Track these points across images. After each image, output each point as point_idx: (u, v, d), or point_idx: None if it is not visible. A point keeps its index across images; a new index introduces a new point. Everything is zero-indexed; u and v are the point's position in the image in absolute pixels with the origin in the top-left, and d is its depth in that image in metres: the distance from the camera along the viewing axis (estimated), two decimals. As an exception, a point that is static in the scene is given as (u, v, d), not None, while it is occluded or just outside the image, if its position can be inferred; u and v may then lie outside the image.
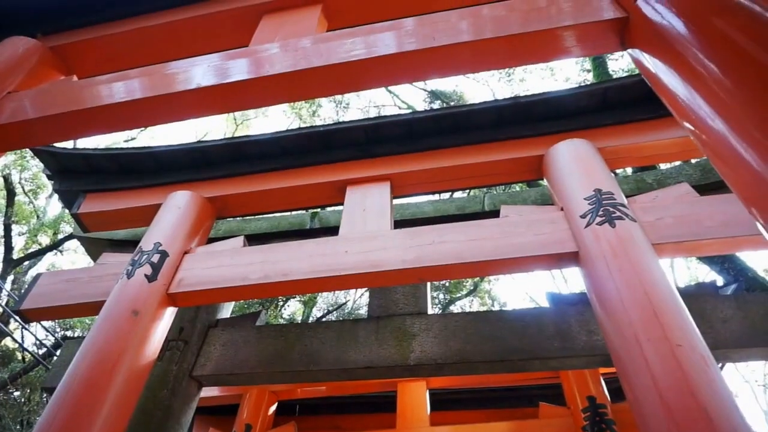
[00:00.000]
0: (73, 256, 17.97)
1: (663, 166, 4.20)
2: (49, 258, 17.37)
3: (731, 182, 1.15)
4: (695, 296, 3.06)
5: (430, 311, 3.66)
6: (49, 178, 4.18)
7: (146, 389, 3.32)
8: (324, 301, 21.46)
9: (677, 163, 4.06)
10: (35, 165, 16.21)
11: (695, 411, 1.72)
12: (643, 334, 1.95)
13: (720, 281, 4.58)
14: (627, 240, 2.28)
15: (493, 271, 2.70)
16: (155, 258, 3.03)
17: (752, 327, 2.90)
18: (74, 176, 4.06)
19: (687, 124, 1.34)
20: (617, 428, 3.91)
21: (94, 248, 4.75)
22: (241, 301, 13.93)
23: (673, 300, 2.07)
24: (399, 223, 3.26)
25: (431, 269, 2.57)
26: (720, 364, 3.32)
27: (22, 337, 13.41)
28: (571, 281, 20.23)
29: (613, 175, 2.85)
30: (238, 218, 4.72)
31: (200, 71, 2.08)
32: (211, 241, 3.44)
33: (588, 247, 2.36)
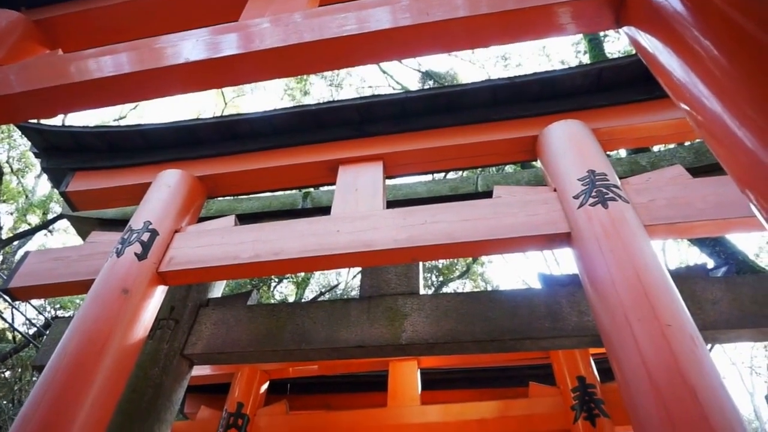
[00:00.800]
0: (64, 236, 17.87)
1: (657, 148, 4.21)
2: (39, 238, 17.27)
3: (726, 163, 1.14)
4: (685, 278, 3.08)
5: (422, 292, 3.67)
6: (37, 156, 4.13)
7: (137, 367, 3.32)
8: (317, 282, 21.53)
9: (671, 145, 4.06)
10: (23, 144, 16.04)
11: (683, 390, 1.74)
12: (633, 315, 1.97)
13: (710, 264, 4.61)
14: (619, 221, 2.28)
15: (486, 252, 2.71)
16: (145, 237, 3.01)
17: (741, 309, 2.93)
18: (62, 154, 4.01)
19: (683, 105, 1.33)
20: (606, 408, 3.96)
21: (84, 227, 4.71)
22: (233, 282, 13.94)
23: (664, 281, 2.08)
24: (392, 204, 3.25)
25: (423, 249, 2.57)
26: (709, 346, 3.36)
27: (12, 317, 13.38)
28: (563, 264, 20.39)
29: (606, 156, 2.84)
30: (229, 198, 4.69)
31: (189, 45, 2.04)
32: (202, 220, 3.42)
33: (580, 227, 2.36)
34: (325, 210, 3.24)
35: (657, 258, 2.17)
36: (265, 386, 5.07)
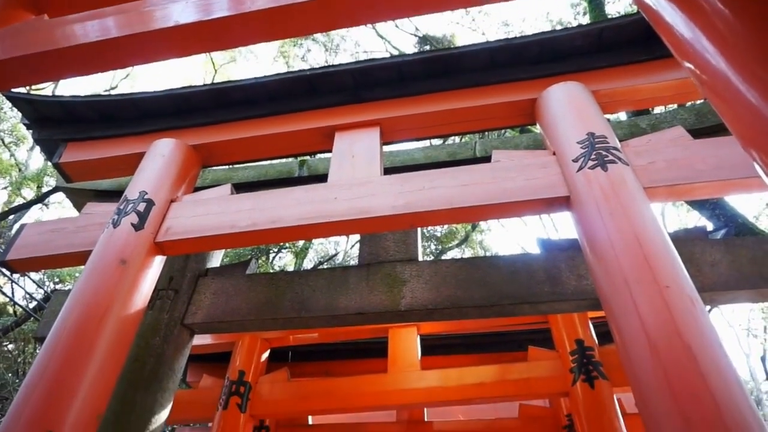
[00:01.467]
0: (59, 210, 17.85)
1: (657, 110, 4.17)
2: (34, 212, 17.22)
3: (730, 122, 1.12)
4: (684, 241, 3.09)
5: (420, 259, 3.67)
6: (28, 127, 4.08)
7: (138, 337, 3.35)
8: (315, 252, 21.62)
9: (672, 107, 4.02)
10: (14, 116, 15.85)
11: (681, 350, 1.76)
12: (632, 277, 1.97)
13: (710, 227, 4.62)
14: (619, 184, 2.27)
15: (484, 217, 2.70)
16: (141, 207, 3.00)
17: (740, 271, 2.94)
18: (53, 125, 3.97)
19: (686, 63, 1.30)
20: (604, 370, 4.03)
21: (79, 199, 4.69)
22: (232, 253, 13.98)
23: (663, 243, 2.08)
24: (389, 171, 3.22)
25: (421, 215, 2.57)
26: (707, 308, 3.39)
27: (12, 291, 13.45)
28: (561, 230, 20.45)
29: (606, 119, 2.81)
30: (224, 167, 4.65)
31: (178, 8, 1.99)
32: (197, 190, 3.41)
33: (579, 191, 2.35)
34: (321, 178, 3.22)
35: (656, 220, 2.17)
36: (266, 354, 5.13)
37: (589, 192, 2.30)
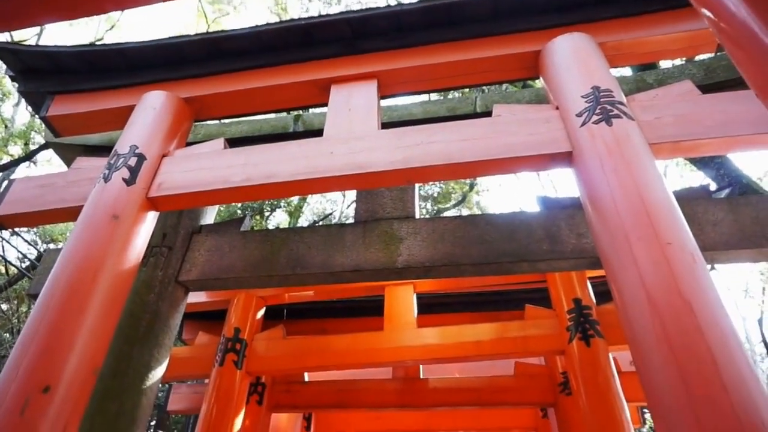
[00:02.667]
0: (48, 168, 17.69)
1: (665, 65, 4.10)
2: (22, 170, 17.08)
3: (748, 72, 1.10)
4: (687, 200, 3.08)
5: (418, 216, 3.67)
6: (13, 79, 3.98)
7: (133, 294, 3.37)
8: (311, 211, 21.64)
9: (680, 62, 3.95)
10: (-2, 69, 15.51)
11: (680, 307, 1.77)
12: (633, 234, 1.97)
13: (714, 187, 4.62)
14: (623, 139, 2.24)
15: (484, 172, 2.68)
16: (132, 161, 2.97)
17: (741, 230, 2.95)
18: (40, 77, 3.88)
19: (704, 10, 1.26)
20: (601, 328, 4.09)
21: (68, 155, 4.64)
22: (225, 212, 13.97)
23: (667, 200, 2.08)
24: (386, 126, 3.17)
25: (420, 170, 2.55)
26: (708, 267, 3.42)
27: (3, 251, 13.48)
28: (561, 191, 20.48)
29: (612, 72, 2.76)
30: (217, 122, 4.60)
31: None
32: (189, 145, 3.36)
33: (582, 146, 2.33)
34: (317, 133, 3.17)
35: (660, 177, 2.16)
36: (261, 312, 5.18)
37: (592, 147, 2.27)
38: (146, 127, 3.23)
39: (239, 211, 14.28)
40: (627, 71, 7.59)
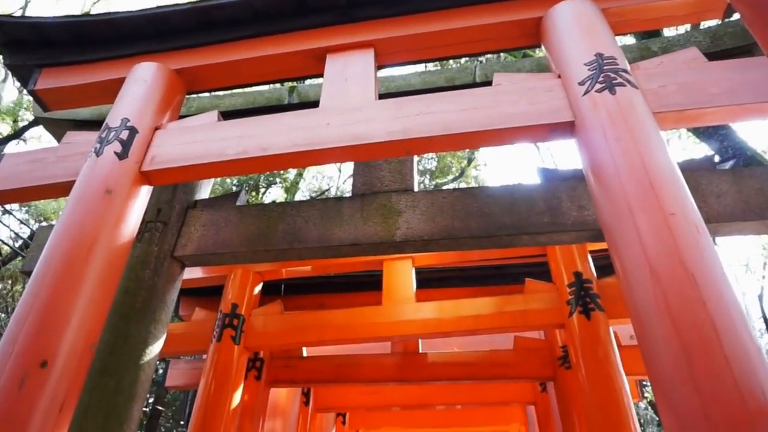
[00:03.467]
0: (38, 146, 17.55)
1: (670, 33, 4.04)
2: (11, 148, 16.95)
3: (761, 34, 1.07)
4: (691, 171, 3.06)
5: (416, 189, 3.66)
6: (-2, 53, 3.93)
7: (128, 270, 3.37)
8: (307, 187, 21.61)
9: (685, 30, 3.89)
10: (-17, 45, 15.24)
11: (683, 278, 1.77)
12: (636, 204, 1.97)
13: (718, 159, 4.60)
14: (627, 108, 2.22)
15: (484, 143, 2.66)
16: (124, 135, 2.94)
17: (746, 202, 2.95)
18: (26, 49, 3.81)
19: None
20: (601, 302, 4.11)
21: (58, 130, 4.61)
22: (220, 189, 13.94)
23: (670, 170, 2.07)
24: (384, 97, 3.13)
25: (418, 141, 2.53)
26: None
27: (-5, 229, 13.47)
28: (561, 164, 20.45)
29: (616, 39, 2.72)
30: (210, 94, 4.54)
31: None
32: (182, 119, 3.32)
33: (585, 115, 2.30)
34: (312, 105, 3.13)
35: (665, 146, 2.14)
36: (258, 287, 5.20)
37: (595, 116, 2.25)
38: (137, 99, 3.19)
39: (234, 188, 14.26)
40: (630, 40, 7.51)
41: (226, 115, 3.85)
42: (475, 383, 6.53)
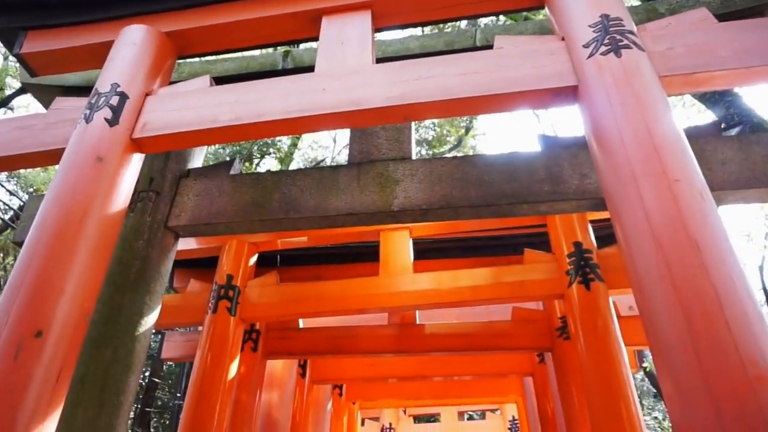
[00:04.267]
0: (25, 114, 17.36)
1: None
2: (-3, 117, 16.78)
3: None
4: (696, 137, 3.04)
5: (414, 158, 3.64)
6: (-19, 14, 3.84)
7: (122, 240, 3.37)
8: (301, 157, 21.53)
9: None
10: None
11: (686, 245, 1.77)
12: (640, 170, 1.95)
13: (724, 126, 4.58)
14: (633, 71, 2.19)
15: (485, 109, 2.63)
16: (114, 100, 2.90)
17: (752, 169, 2.94)
18: (10, 11, 3.73)
19: None
20: (601, 272, 4.13)
21: (46, 97, 4.55)
22: (213, 159, 13.86)
23: (675, 135, 2.05)
24: (381, 61, 3.09)
25: (417, 106, 2.49)
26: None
27: (-15, 200, 13.42)
28: (561, 133, 20.36)
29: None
30: (201, 59, 4.47)
31: None
32: (174, 84, 3.28)
33: (589, 79, 2.27)
34: (307, 70, 3.08)
35: (670, 111, 2.12)
36: (254, 259, 5.21)
37: (599, 80, 2.22)
38: (127, 63, 3.14)
39: (228, 158, 14.19)
40: (636, 1, 7.40)
41: (219, 80, 3.80)
42: (472, 354, 6.62)
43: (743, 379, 1.52)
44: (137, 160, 2.94)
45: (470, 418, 16.10)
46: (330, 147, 22.05)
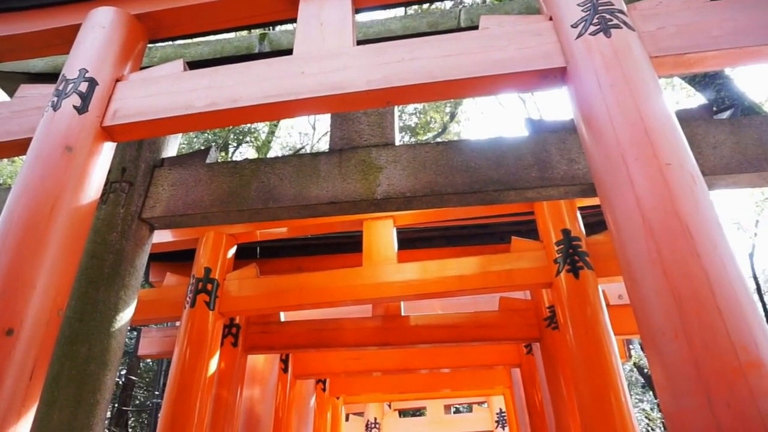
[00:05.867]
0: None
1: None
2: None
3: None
4: (687, 121, 3.07)
5: (398, 143, 3.62)
6: (-63, -3, 3.73)
7: (94, 233, 3.34)
8: (279, 145, 21.39)
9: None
10: None
11: (677, 230, 1.78)
12: (630, 153, 1.96)
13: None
14: (623, 52, 2.19)
15: (471, 92, 2.62)
16: (83, 87, 2.84)
17: (743, 153, 2.97)
18: (-32, -5, 3.64)
19: None
20: (590, 260, 4.16)
21: (10, 84, 4.47)
22: (187, 148, 13.71)
23: (667, 118, 2.06)
24: (362, 44, 3.07)
25: (400, 90, 2.48)
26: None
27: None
28: (548, 119, 20.46)
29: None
30: (174, 43, 4.40)
31: None
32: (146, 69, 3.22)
33: (578, 60, 2.27)
34: (285, 53, 3.04)
35: (661, 93, 2.13)
36: (232, 251, 5.17)
37: (588, 61, 2.22)
38: (95, 48, 3.07)
39: (202, 147, 14.06)
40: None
41: (193, 65, 3.73)
42: (458, 346, 6.64)
43: (735, 365, 1.54)
44: (108, 149, 2.89)
45: (457, 411, 16.24)
46: (309, 134, 21.93)
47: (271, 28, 4.39)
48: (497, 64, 2.42)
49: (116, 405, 14.97)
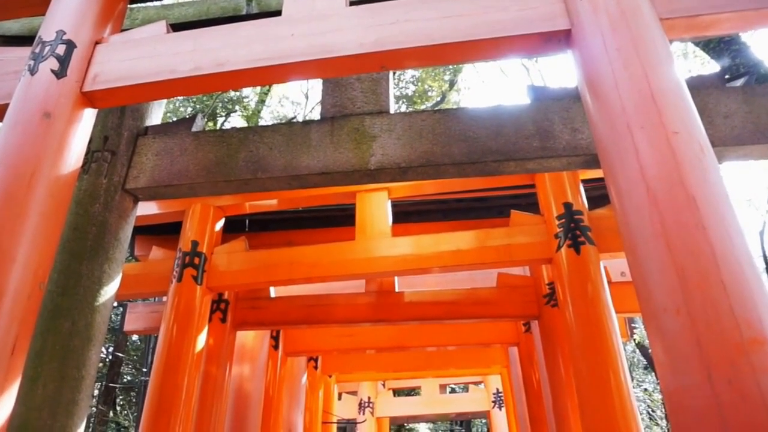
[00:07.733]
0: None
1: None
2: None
3: None
4: (698, 88, 3.03)
5: (392, 111, 3.58)
6: None
7: (76, 205, 3.31)
8: (270, 114, 21.22)
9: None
10: None
11: (683, 202, 1.77)
12: (636, 121, 1.94)
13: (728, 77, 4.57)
14: (631, 13, 2.16)
15: (469, 56, 2.59)
16: (60, 49, 2.79)
17: (756, 123, 2.94)
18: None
19: None
20: (592, 235, 4.15)
21: (-17, 47, 4.37)
22: (174, 117, 13.59)
23: (676, 84, 2.04)
24: (356, 5, 3.01)
25: (395, 53, 2.45)
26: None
27: None
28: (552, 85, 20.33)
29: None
30: (157, 4, 4.32)
31: None
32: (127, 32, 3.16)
33: (583, 22, 2.24)
34: (274, 15, 2.99)
35: (671, 58, 2.10)
36: (220, 224, 5.15)
37: (594, 23, 2.18)
38: (73, 8, 3.01)
39: (189, 115, 13.94)
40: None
41: (177, 27, 3.66)
42: (454, 323, 6.66)
43: (738, 341, 1.54)
44: (89, 115, 2.85)
45: (452, 391, 16.42)
46: (302, 103, 21.75)
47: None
48: (498, 27, 2.38)
49: (104, 383, 15.08)
